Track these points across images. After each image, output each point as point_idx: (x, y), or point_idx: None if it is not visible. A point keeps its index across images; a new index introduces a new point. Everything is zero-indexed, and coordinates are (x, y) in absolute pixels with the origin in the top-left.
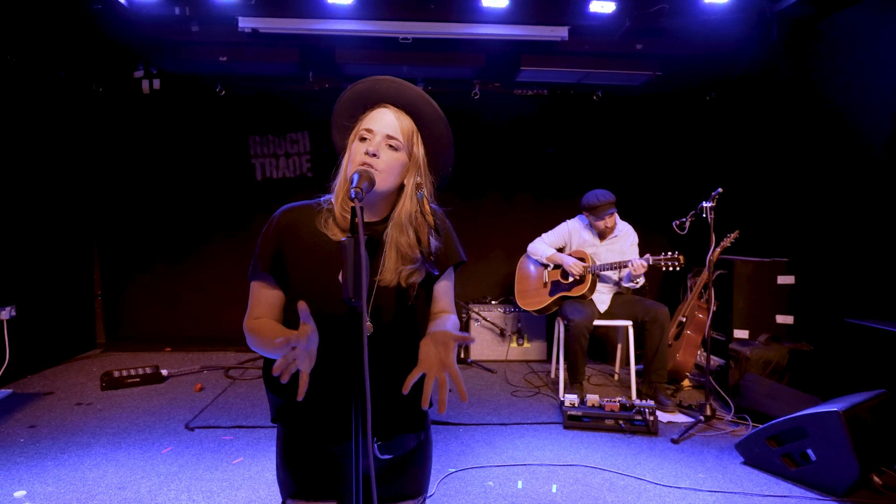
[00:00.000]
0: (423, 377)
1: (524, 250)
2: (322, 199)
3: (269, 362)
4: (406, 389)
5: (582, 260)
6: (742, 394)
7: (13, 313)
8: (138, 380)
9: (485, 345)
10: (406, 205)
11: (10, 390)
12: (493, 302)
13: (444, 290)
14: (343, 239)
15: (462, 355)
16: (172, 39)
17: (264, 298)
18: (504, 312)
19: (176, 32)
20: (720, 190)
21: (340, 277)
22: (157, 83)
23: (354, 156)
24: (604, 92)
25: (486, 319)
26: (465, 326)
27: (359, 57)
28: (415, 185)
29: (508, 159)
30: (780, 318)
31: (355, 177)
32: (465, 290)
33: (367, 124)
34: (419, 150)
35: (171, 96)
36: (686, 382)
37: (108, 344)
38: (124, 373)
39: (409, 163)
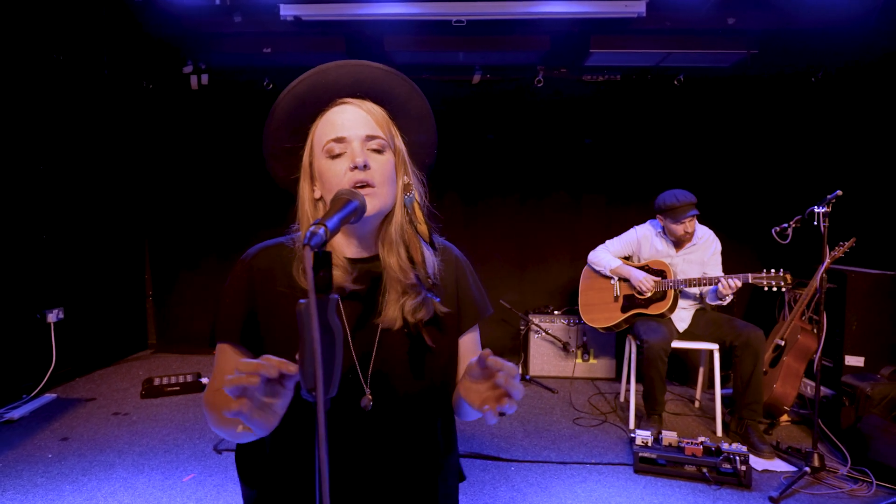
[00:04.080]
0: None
1: None
2: (297, 234)
3: (241, 446)
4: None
5: (662, 273)
6: (862, 441)
7: (61, 315)
8: (178, 388)
9: (546, 360)
10: (397, 215)
11: (54, 395)
12: (555, 312)
13: (472, 346)
14: (301, 301)
15: (521, 371)
16: (216, 31)
17: (232, 369)
18: (568, 324)
19: (218, 24)
20: (839, 192)
21: (297, 357)
22: (205, 78)
23: (332, 181)
24: (686, 75)
25: (547, 332)
26: (524, 339)
27: (409, 43)
28: (403, 187)
29: (576, 155)
30: None
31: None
32: (525, 298)
33: (332, 132)
34: (400, 142)
35: (219, 91)
36: (784, 417)
37: (158, 345)
38: (165, 380)
39: (396, 161)
